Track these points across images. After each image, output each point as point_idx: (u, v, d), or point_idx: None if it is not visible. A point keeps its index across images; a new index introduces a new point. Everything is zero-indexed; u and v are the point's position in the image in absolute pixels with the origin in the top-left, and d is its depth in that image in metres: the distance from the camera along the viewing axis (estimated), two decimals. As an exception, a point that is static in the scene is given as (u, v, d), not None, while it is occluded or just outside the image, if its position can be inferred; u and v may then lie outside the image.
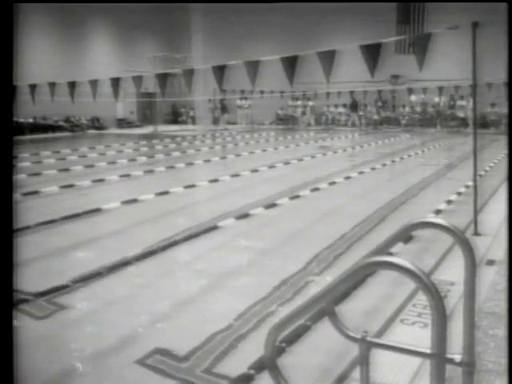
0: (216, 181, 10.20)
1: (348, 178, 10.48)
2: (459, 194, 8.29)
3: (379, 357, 2.46)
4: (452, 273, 4.45)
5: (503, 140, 14.75)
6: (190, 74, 10.05)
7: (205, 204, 8.71)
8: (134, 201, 8.18)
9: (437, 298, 1.60)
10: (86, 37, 28.54)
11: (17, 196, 8.08)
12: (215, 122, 28.86)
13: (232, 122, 29.95)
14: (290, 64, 7.38)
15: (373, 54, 6.41)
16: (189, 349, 3.32)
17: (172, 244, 5.80)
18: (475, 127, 6.25)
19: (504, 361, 2.92)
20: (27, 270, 4.75)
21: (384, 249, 2.23)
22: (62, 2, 24.92)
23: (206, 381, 2.99)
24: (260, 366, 2.95)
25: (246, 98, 28.91)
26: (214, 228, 6.49)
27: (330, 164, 13.58)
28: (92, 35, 28.91)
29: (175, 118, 32.71)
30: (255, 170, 11.60)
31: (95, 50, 28.97)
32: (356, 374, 2.72)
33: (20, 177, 10.21)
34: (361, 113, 28.32)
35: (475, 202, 5.85)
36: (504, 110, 22.53)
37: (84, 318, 3.93)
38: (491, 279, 4.33)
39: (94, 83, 11.30)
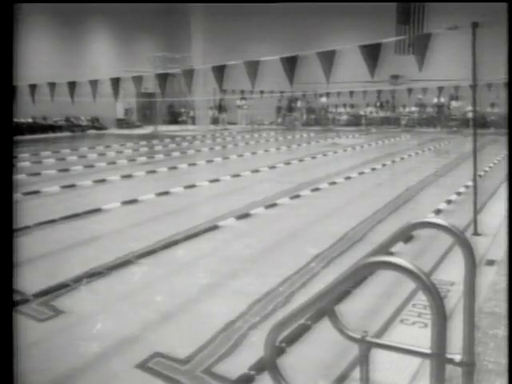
0: (216, 181, 10.20)
1: (348, 178, 10.50)
2: (459, 194, 8.31)
3: (379, 357, 2.46)
4: (452, 273, 4.45)
5: (502, 142, 14.75)
6: (190, 74, 10.05)
7: (205, 204, 8.72)
8: (134, 201, 8.19)
9: (437, 298, 1.60)
10: (86, 37, 28.55)
11: (17, 196, 8.08)
12: (214, 122, 28.88)
13: (232, 122, 29.95)
14: (290, 64, 7.38)
15: (373, 54, 6.41)
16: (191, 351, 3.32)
17: (172, 244, 5.80)
18: (475, 127, 6.25)
19: (504, 361, 2.92)
20: (27, 269, 4.75)
21: (384, 248, 2.23)
22: (62, 1, 24.92)
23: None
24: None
25: (245, 98, 28.93)
26: (214, 228, 6.50)
27: (330, 164, 13.59)
28: (92, 35, 28.92)
29: (173, 118, 32.68)
30: (256, 170, 11.61)
31: (95, 50, 28.97)
32: (356, 373, 2.72)
33: (20, 177, 10.22)
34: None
35: (475, 202, 5.85)
36: (504, 110, 22.52)
37: (84, 319, 3.92)
38: (491, 279, 4.33)
39: (94, 83, 11.30)
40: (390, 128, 27.12)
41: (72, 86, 11.60)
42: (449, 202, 7.78)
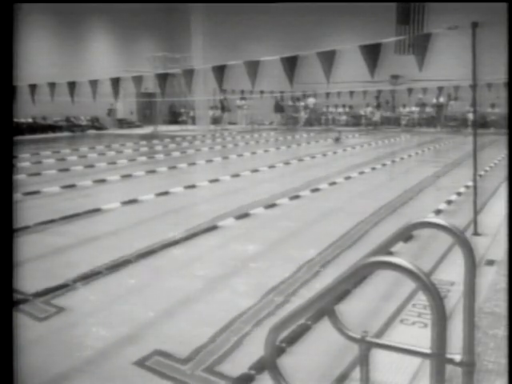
0: (216, 181, 10.20)
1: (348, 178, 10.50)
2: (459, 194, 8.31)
3: (379, 357, 2.46)
4: (452, 273, 4.45)
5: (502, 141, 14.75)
6: (190, 74, 10.06)
7: (204, 204, 8.72)
8: (134, 201, 8.19)
9: (437, 299, 1.60)
10: (86, 37, 28.55)
11: (17, 196, 8.08)
12: (215, 122, 28.88)
13: (232, 122, 29.97)
14: (290, 64, 7.39)
15: (373, 54, 6.41)
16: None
17: (172, 244, 5.81)
18: (475, 127, 6.25)
19: (504, 361, 2.92)
20: (27, 269, 4.75)
21: (384, 248, 2.23)
22: (62, 1, 24.92)
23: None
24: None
25: (245, 98, 28.94)
26: (213, 228, 6.50)
27: (329, 164, 13.59)
28: (92, 35, 28.92)
29: (174, 118, 32.66)
30: (255, 170, 11.61)
31: (95, 50, 28.97)
32: (356, 373, 2.72)
33: (20, 177, 10.22)
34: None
35: (475, 202, 5.85)
36: (504, 110, 22.52)
37: (84, 318, 3.92)
38: (491, 279, 4.33)
39: (94, 83, 11.31)
40: (389, 128, 27.12)
41: (72, 86, 11.60)
42: (449, 202, 7.79)
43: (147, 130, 26.87)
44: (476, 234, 5.79)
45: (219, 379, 2.98)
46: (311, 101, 29.22)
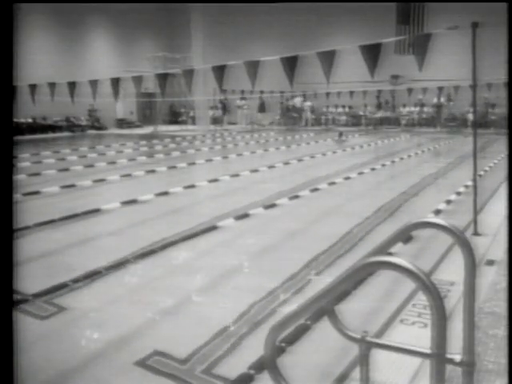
0: (216, 181, 10.20)
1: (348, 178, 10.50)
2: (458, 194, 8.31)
3: (379, 357, 2.46)
4: (452, 273, 4.45)
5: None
6: (190, 74, 10.06)
7: (204, 204, 8.72)
8: (133, 201, 8.18)
9: (437, 298, 1.60)
10: (86, 37, 28.54)
11: (17, 196, 8.08)
12: (215, 122, 28.85)
13: (232, 122, 29.96)
14: (290, 64, 7.38)
15: (373, 54, 6.40)
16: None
17: (171, 244, 5.80)
18: (475, 127, 6.25)
19: (504, 361, 2.92)
20: (27, 269, 4.75)
21: (384, 249, 2.23)
22: (62, 1, 24.91)
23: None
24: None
25: (245, 98, 28.93)
26: (212, 228, 6.50)
27: (329, 164, 13.58)
28: (92, 35, 28.91)
29: (174, 118, 32.65)
30: (255, 170, 11.61)
31: (95, 50, 28.96)
32: (356, 373, 2.72)
33: (20, 177, 10.21)
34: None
35: (475, 201, 5.85)
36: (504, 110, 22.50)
37: (84, 318, 3.93)
38: (491, 279, 4.33)
39: (94, 83, 11.31)
40: (389, 128, 27.11)
41: (72, 86, 11.60)
42: (448, 202, 7.79)
43: (147, 129, 26.86)
44: (476, 234, 5.79)
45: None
46: (298, 100, 29.05)
